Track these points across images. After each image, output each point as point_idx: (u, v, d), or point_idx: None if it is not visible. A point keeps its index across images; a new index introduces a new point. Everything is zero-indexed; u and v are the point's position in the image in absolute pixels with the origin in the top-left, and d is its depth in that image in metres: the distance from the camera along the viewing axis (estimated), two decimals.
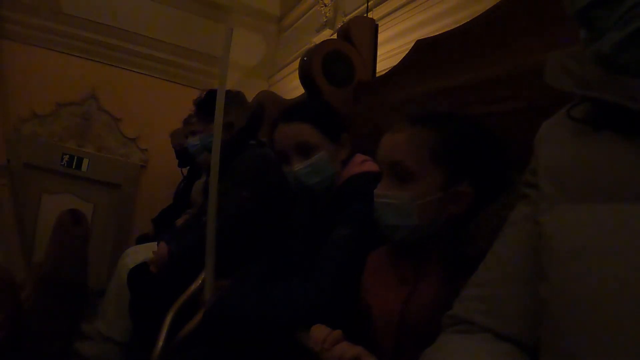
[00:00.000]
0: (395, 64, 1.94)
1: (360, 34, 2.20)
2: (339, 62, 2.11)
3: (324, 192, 1.52)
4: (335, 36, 2.40)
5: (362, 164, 1.53)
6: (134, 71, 4.11)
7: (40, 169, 3.81)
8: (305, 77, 2.11)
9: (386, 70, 2.09)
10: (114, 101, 4.05)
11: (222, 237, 1.90)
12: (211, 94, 2.21)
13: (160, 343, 1.83)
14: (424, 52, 1.81)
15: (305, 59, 2.12)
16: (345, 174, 1.52)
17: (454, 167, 1.04)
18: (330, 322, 1.14)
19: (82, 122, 3.99)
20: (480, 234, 0.95)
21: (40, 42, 3.87)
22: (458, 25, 1.67)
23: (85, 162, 3.90)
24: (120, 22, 4.07)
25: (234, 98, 2.37)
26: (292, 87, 4.07)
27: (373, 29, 2.25)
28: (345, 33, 2.20)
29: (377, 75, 2.21)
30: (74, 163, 3.87)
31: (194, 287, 1.98)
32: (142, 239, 3.03)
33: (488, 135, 1.09)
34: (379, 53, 2.26)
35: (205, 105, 2.31)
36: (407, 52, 1.88)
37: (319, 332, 1.10)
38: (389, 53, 2.91)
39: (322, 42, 2.16)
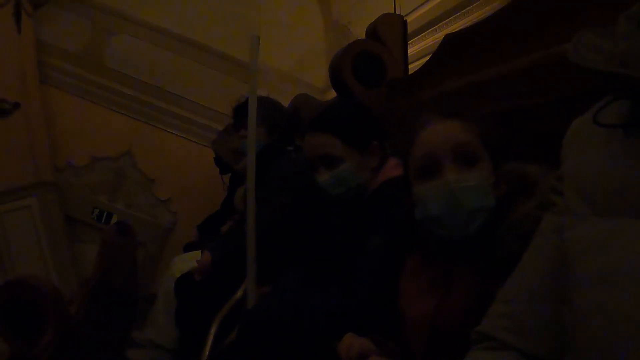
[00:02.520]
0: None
1: (389, 32, 2.17)
2: (370, 62, 2.08)
3: (351, 201, 1.54)
4: None
5: (395, 167, 1.52)
6: (171, 132, 4.08)
7: (72, 219, 3.79)
8: (336, 80, 2.10)
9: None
10: (149, 160, 4.01)
11: (261, 244, 1.93)
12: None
13: (207, 352, 1.87)
14: (454, 46, 1.78)
15: (334, 61, 2.10)
16: (379, 179, 1.52)
17: (493, 155, 1.06)
18: (367, 331, 1.15)
19: (116, 178, 3.97)
20: (511, 236, 0.93)
21: (82, 93, 3.91)
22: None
23: (114, 218, 3.88)
24: (162, 81, 4.07)
25: (266, 104, 2.39)
26: None
27: (402, 25, 2.21)
28: (373, 32, 2.18)
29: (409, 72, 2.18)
30: (104, 217, 3.86)
31: (238, 294, 2.01)
32: (189, 247, 3.08)
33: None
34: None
35: (243, 110, 2.34)
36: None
37: (348, 345, 1.11)
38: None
39: (350, 43, 2.14)
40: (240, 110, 2.42)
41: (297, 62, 4.37)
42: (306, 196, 1.90)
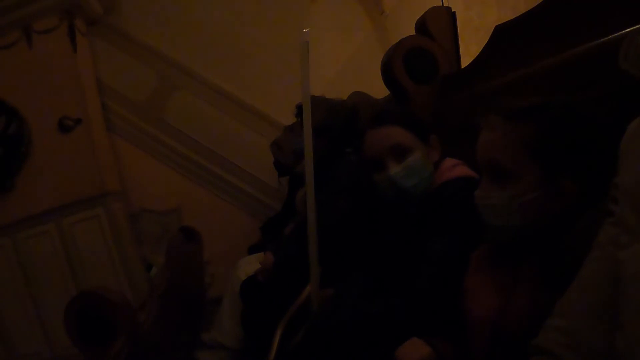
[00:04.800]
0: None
1: (438, 26, 2.14)
2: (421, 58, 2.07)
3: (419, 196, 1.49)
4: None
5: (453, 168, 1.51)
6: (219, 196, 4.08)
7: None
8: (388, 78, 2.10)
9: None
10: (195, 220, 3.86)
11: (323, 247, 1.94)
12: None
13: (273, 354, 1.90)
14: (505, 37, 1.74)
15: (385, 59, 2.10)
16: (437, 180, 1.50)
17: (551, 162, 0.99)
18: (429, 334, 1.15)
19: (161, 232, 3.98)
20: (579, 243, 0.89)
21: (138, 143, 4.00)
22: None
23: (153, 270, 3.88)
24: (216, 144, 4.09)
25: (322, 103, 2.39)
26: None
27: (450, 18, 2.18)
28: (422, 27, 2.16)
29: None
30: (144, 267, 3.88)
31: (302, 297, 2.03)
32: (253, 249, 3.14)
33: (591, 123, 1.02)
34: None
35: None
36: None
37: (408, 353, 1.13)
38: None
39: (400, 40, 2.12)
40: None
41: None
42: (366, 199, 1.87)
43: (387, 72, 2.08)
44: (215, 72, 4.07)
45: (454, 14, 2.19)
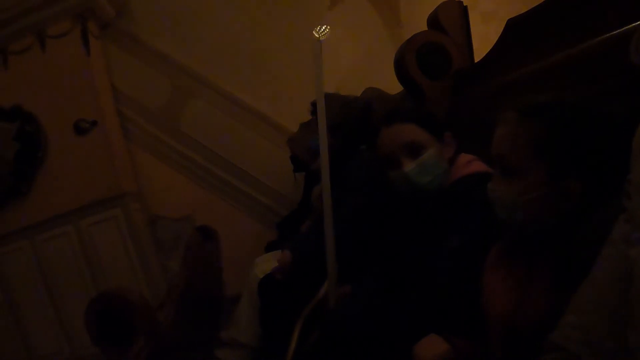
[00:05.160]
0: None
1: (450, 20, 2.13)
2: (434, 53, 2.06)
3: (435, 192, 1.49)
4: None
5: (468, 164, 1.51)
6: (233, 205, 4.07)
7: None
8: (402, 74, 2.09)
9: None
10: None
11: (340, 244, 1.95)
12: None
13: (291, 352, 1.91)
14: (517, 31, 1.74)
15: (398, 55, 2.09)
16: (453, 176, 1.50)
17: (557, 161, 1.00)
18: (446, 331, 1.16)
19: (172, 239, 3.99)
20: (593, 239, 0.89)
21: (152, 150, 4.01)
22: None
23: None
24: (230, 154, 4.08)
25: (335, 100, 2.39)
26: None
27: (462, 11, 2.17)
28: (434, 21, 2.15)
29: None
30: None
31: (319, 294, 2.04)
32: (270, 247, 3.15)
33: (605, 124, 1.01)
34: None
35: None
36: None
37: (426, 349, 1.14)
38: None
39: (413, 35, 2.12)
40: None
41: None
42: (381, 196, 1.87)
43: (400, 68, 2.08)
44: (230, 80, 4.06)
45: (465, 8, 2.18)
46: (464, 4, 2.20)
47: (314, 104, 2.44)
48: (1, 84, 3.58)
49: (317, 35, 1.75)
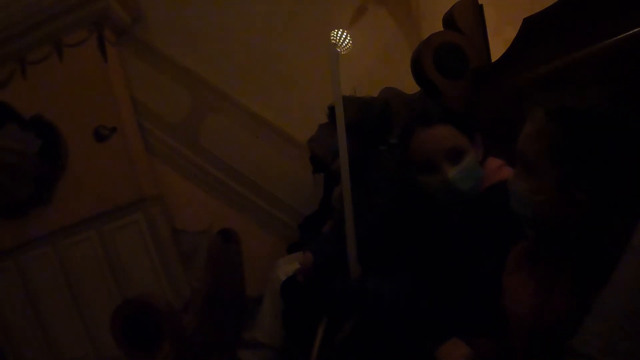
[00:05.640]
0: None
1: (466, 19, 2.13)
2: (451, 53, 2.05)
3: (470, 197, 1.45)
4: None
5: (499, 170, 1.47)
6: (249, 219, 4.08)
7: None
8: (419, 75, 2.09)
9: None
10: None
11: (362, 246, 1.96)
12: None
13: (315, 354, 1.93)
14: (534, 30, 1.73)
15: (415, 56, 2.10)
16: (486, 181, 1.46)
17: (567, 171, 0.98)
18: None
19: (191, 251, 4.03)
20: (615, 244, 0.87)
21: (172, 164, 4.06)
22: None
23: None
24: (248, 169, 4.12)
25: (352, 102, 2.39)
26: None
27: (478, 10, 2.16)
28: (449, 21, 2.14)
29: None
30: None
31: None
32: (292, 248, 3.17)
33: (626, 138, 0.96)
34: None
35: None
36: None
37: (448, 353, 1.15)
38: None
39: (429, 36, 2.12)
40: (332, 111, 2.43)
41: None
42: (404, 199, 1.83)
43: (417, 69, 2.08)
44: (250, 95, 4.11)
45: (481, 6, 2.17)
46: (479, 3, 2.19)
47: (330, 108, 2.44)
48: (21, 94, 3.63)
49: (333, 41, 1.76)
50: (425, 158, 1.46)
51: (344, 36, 3.40)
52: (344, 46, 3.39)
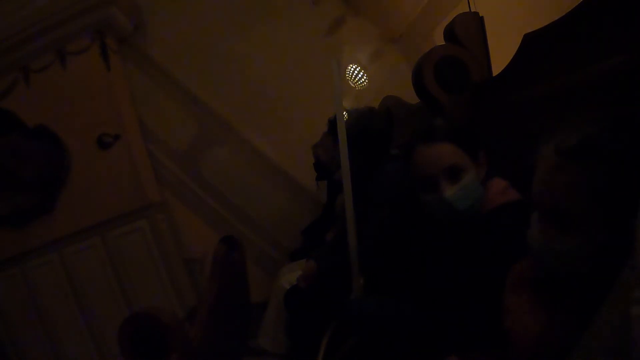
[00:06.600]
0: None
1: (467, 32, 2.11)
2: (452, 67, 2.04)
3: (470, 217, 1.41)
4: None
5: (504, 192, 1.43)
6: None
7: None
8: (419, 88, 2.09)
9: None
10: None
11: (366, 258, 1.97)
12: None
13: None
14: (534, 46, 1.72)
15: (416, 70, 2.10)
16: (489, 203, 1.41)
17: (618, 209, 0.86)
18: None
19: (198, 277, 4.16)
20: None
21: (177, 192, 4.17)
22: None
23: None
24: (249, 206, 4.22)
25: (352, 114, 2.40)
26: None
27: (479, 23, 2.15)
28: (450, 34, 2.13)
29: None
30: None
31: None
32: (295, 254, 3.18)
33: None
34: None
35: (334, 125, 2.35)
36: None
37: None
38: None
39: (430, 49, 2.12)
40: (332, 124, 2.44)
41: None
42: (408, 213, 1.75)
43: (418, 82, 2.07)
44: (255, 131, 4.20)
45: (482, 19, 2.16)
46: (480, 15, 2.18)
47: (331, 121, 2.45)
48: (24, 102, 3.67)
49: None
50: (425, 175, 1.43)
51: (360, 74, 3.45)
52: (359, 83, 3.44)
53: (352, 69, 3.70)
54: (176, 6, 4.12)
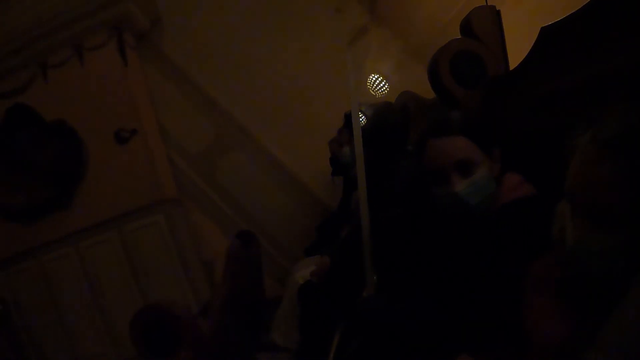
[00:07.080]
0: None
1: (483, 26, 2.08)
2: (468, 61, 2.00)
3: (481, 213, 1.38)
4: None
5: (518, 186, 1.40)
6: None
7: None
8: (435, 83, 2.06)
9: None
10: None
11: (379, 255, 1.95)
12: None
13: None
14: (552, 39, 1.68)
15: (431, 64, 2.07)
16: (503, 198, 1.38)
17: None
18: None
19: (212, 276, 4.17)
20: None
21: (191, 194, 4.19)
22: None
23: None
24: (259, 210, 4.24)
25: (369, 109, 2.39)
26: None
27: (495, 17, 2.11)
28: (467, 28, 2.10)
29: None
30: None
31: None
32: (309, 250, 3.18)
33: None
34: None
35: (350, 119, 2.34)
36: None
37: None
38: None
39: (446, 43, 2.08)
40: (349, 118, 2.42)
41: None
42: (421, 209, 1.73)
43: (434, 77, 2.04)
44: (272, 139, 4.20)
45: (498, 12, 2.12)
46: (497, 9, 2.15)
47: (347, 116, 2.44)
48: (42, 97, 3.71)
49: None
50: (436, 168, 1.41)
51: (382, 84, 3.44)
52: (380, 92, 3.43)
53: (374, 79, 3.67)
54: (194, 6, 4.14)
